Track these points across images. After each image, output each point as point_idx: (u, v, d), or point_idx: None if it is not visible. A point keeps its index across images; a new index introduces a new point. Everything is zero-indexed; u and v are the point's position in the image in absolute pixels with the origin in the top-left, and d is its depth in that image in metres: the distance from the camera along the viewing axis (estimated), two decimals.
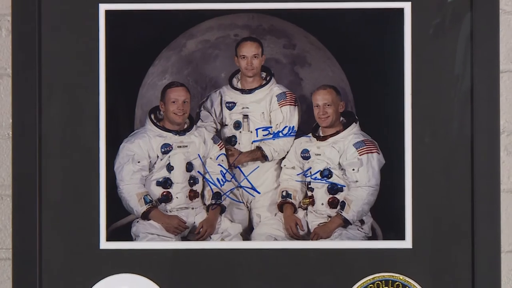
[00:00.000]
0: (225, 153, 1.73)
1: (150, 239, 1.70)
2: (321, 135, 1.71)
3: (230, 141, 1.73)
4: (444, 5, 1.68)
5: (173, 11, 1.68)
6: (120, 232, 1.70)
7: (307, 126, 1.72)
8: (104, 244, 1.68)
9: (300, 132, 1.73)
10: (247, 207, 1.73)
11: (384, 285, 1.68)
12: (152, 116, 1.71)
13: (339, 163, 1.71)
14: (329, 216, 1.71)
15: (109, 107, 1.69)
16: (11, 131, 1.69)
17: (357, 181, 1.70)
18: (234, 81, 1.73)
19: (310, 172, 1.71)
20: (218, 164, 1.72)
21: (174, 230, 1.70)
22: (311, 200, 1.71)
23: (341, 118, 1.71)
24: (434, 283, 1.68)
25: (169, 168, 1.72)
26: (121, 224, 1.70)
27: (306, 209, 1.72)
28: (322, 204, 1.71)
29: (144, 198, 1.70)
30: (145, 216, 1.70)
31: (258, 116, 1.73)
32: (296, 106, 1.72)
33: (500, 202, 1.67)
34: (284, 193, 1.72)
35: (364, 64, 1.70)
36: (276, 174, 1.73)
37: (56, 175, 1.68)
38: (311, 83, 1.72)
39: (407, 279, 1.67)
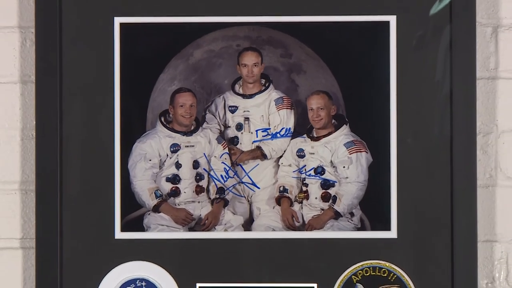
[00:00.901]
0: (228, 152, 1.72)
1: (160, 229, 1.70)
2: (315, 135, 1.71)
3: (233, 141, 1.72)
4: (426, 18, 1.68)
5: (181, 23, 1.69)
6: (133, 223, 1.70)
7: (302, 128, 1.72)
8: (119, 234, 1.69)
9: (296, 133, 1.72)
10: (248, 201, 1.72)
11: (371, 271, 1.68)
12: (162, 119, 1.71)
13: (331, 161, 1.71)
14: (322, 209, 1.71)
15: (123, 110, 1.69)
16: (34, 132, 1.69)
17: (347, 177, 1.70)
18: (236, 87, 1.72)
19: (305, 169, 1.71)
20: (222, 162, 1.71)
21: (182, 221, 1.71)
22: (305, 194, 1.71)
23: (333, 121, 1.71)
24: (417, 269, 1.68)
25: (178, 165, 1.71)
26: (134, 216, 1.71)
27: (301, 202, 1.71)
28: (316, 198, 1.71)
29: (155, 193, 1.71)
30: (156, 209, 1.70)
31: (258, 119, 1.72)
32: (292, 110, 1.71)
33: (477, 196, 1.67)
34: (281, 188, 1.71)
35: (354, 72, 1.70)
36: (274, 171, 1.72)
37: (75, 172, 1.69)
38: (306, 89, 1.71)
39: (393, 266, 1.68)
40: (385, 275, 1.68)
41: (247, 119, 1.73)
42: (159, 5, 1.69)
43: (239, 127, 1.73)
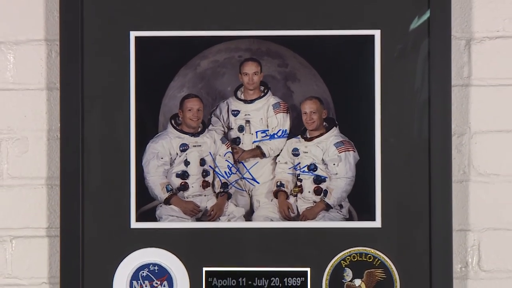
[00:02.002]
0: (231, 151, 1.73)
1: (171, 220, 1.72)
2: (308, 136, 1.73)
3: (235, 142, 1.74)
4: (406, 33, 1.70)
5: (189, 37, 1.71)
6: (146, 214, 1.72)
7: (297, 129, 1.73)
8: (134, 224, 1.72)
9: (291, 134, 1.73)
10: (249, 194, 1.74)
11: (358, 257, 1.71)
12: (173, 121, 1.72)
13: (322, 159, 1.72)
14: (315, 202, 1.72)
15: (138, 114, 1.71)
16: (59, 133, 1.72)
17: (337, 174, 1.72)
18: (238, 93, 1.73)
19: (299, 166, 1.73)
20: (226, 160, 1.73)
21: (190, 213, 1.72)
22: (300, 188, 1.73)
23: (324, 123, 1.72)
24: (398, 255, 1.71)
25: (186, 163, 1.73)
26: (148, 208, 1.73)
27: (296, 196, 1.73)
28: (309, 192, 1.72)
29: (166, 187, 1.72)
30: (167, 201, 1.72)
31: (257, 121, 1.74)
32: (288, 113, 1.72)
33: (452, 190, 1.69)
34: (278, 183, 1.73)
35: (343, 80, 1.71)
36: (272, 168, 1.73)
37: (95, 169, 1.71)
38: (300, 95, 1.72)
39: (377, 252, 1.71)
40: (371, 260, 1.71)
41: (248, 121, 1.74)
42: (170, 21, 1.71)
43: (241, 129, 1.74)
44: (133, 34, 1.72)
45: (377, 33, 1.71)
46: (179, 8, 1.72)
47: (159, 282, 1.72)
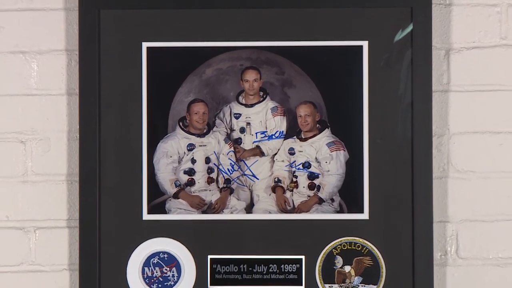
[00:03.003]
0: (233, 150, 1.77)
1: (179, 212, 1.76)
2: (303, 137, 1.77)
3: (237, 142, 1.77)
4: (392, 43, 1.74)
5: (196, 47, 1.75)
6: (157, 207, 1.76)
7: (293, 131, 1.77)
8: (146, 216, 1.75)
9: (287, 135, 1.77)
10: (249, 189, 1.77)
11: (348, 245, 1.74)
12: (181, 124, 1.76)
13: (315, 158, 1.76)
14: (309, 196, 1.76)
15: (149, 117, 1.75)
16: (78, 134, 1.75)
17: (329, 171, 1.75)
18: (240, 98, 1.77)
19: (295, 164, 1.77)
20: (228, 158, 1.77)
21: (197, 206, 1.76)
22: (295, 184, 1.76)
23: (317, 125, 1.76)
24: (385, 245, 1.74)
25: (193, 161, 1.76)
26: (158, 201, 1.76)
27: (292, 191, 1.77)
28: (304, 187, 1.76)
29: (174, 183, 1.76)
30: (175, 196, 1.76)
31: (257, 124, 1.77)
32: (285, 116, 1.76)
33: (433, 186, 1.72)
34: (276, 179, 1.77)
35: (334, 86, 1.75)
36: (270, 166, 1.77)
37: (111, 167, 1.75)
38: (295, 99, 1.76)
39: (365, 241, 1.74)
40: (359, 248, 1.74)
41: (248, 124, 1.78)
42: (178, 33, 1.75)
43: (242, 130, 1.78)
44: (145, 45, 1.75)
45: (365, 44, 1.75)
46: (186, 21, 1.75)
47: (168, 269, 1.75)
